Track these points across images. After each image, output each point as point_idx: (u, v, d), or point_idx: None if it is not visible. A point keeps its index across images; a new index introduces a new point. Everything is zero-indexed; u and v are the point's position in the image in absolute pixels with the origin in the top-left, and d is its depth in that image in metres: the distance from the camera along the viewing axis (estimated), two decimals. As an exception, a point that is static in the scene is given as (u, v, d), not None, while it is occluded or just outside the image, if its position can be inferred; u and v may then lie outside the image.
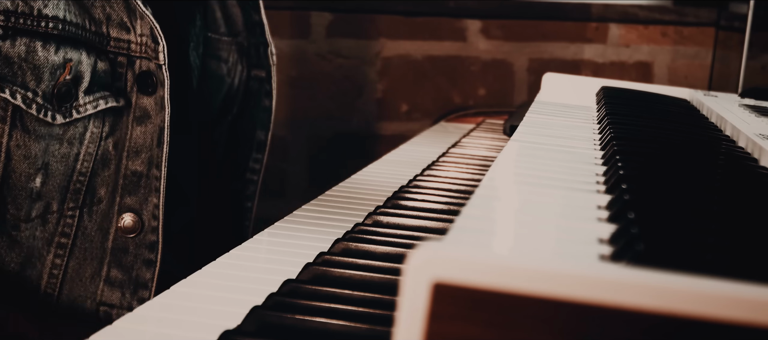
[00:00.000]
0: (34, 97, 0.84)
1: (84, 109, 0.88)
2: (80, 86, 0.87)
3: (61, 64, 0.85)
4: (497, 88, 2.08)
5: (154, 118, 0.92)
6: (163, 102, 0.91)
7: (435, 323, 0.30)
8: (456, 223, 0.43)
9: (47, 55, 0.84)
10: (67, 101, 0.86)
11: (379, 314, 0.54)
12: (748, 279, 0.29)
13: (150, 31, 0.91)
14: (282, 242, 0.76)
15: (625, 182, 0.52)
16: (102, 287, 0.92)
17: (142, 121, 0.92)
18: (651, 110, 1.03)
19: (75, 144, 0.88)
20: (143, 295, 0.93)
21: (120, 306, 0.92)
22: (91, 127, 0.88)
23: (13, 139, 0.85)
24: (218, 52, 1.08)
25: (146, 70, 0.91)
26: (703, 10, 2.03)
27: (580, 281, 0.29)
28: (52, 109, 0.86)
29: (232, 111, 1.17)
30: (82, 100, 0.88)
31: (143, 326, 0.54)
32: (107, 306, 0.92)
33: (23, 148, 0.85)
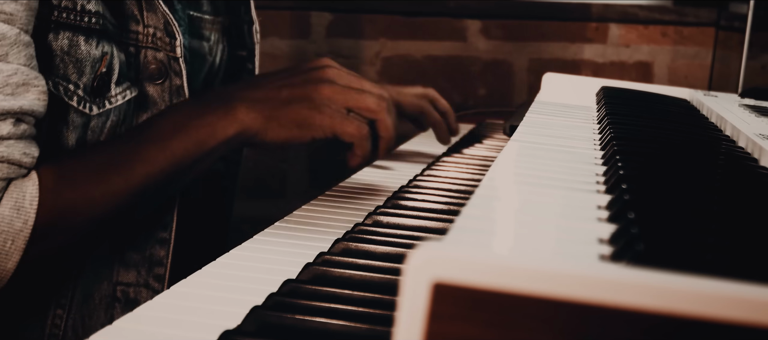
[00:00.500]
0: (76, 90, 0.86)
1: (115, 99, 0.90)
2: (112, 78, 0.89)
3: (99, 58, 0.87)
4: (497, 88, 2.08)
5: (160, 105, 0.94)
6: (179, 90, 0.94)
7: (435, 323, 0.30)
8: (456, 223, 0.43)
9: (89, 49, 0.86)
10: (102, 93, 0.88)
11: (379, 314, 0.54)
12: (748, 279, 0.29)
13: (164, 26, 0.93)
14: (282, 242, 0.76)
15: (625, 182, 0.52)
16: (117, 268, 0.94)
17: (147, 109, 0.94)
18: (651, 110, 1.03)
19: (96, 132, 0.89)
20: (159, 272, 0.95)
21: (136, 284, 0.94)
22: (112, 116, 0.90)
23: (51, 131, 0.86)
24: (200, 30, 1.08)
25: (153, 59, 0.93)
26: (703, 10, 2.03)
27: (580, 281, 0.29)
28: (90, 101, 0.87)
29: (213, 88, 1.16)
30: (114, 91, 0.90)
31: (143, 326, 0.54)
32: (124, 285, 0.94)
33: (61, 138, 0.87)
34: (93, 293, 0.93)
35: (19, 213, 0.77)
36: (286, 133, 0.90)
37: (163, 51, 0.93)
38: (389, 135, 0.94)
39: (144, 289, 0.94)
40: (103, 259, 0.93)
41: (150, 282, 0.95)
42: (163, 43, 0.93)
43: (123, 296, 0.94)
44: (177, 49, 0.93)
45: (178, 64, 0.93)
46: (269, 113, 0.89)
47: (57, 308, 0.90)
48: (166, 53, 0.93)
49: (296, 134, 0.90)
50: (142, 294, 0.94)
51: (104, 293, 0.93)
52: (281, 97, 0.91)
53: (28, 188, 0.78)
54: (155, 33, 0.93)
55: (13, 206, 0.77)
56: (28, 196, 0.78)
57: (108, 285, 0.93)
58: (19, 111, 0.77)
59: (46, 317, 0.90)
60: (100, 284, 0.93)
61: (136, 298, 0.94)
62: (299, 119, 0.89)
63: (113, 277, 0.94)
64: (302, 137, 0.90)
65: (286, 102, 0.90)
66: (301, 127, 0.90)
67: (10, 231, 0.76)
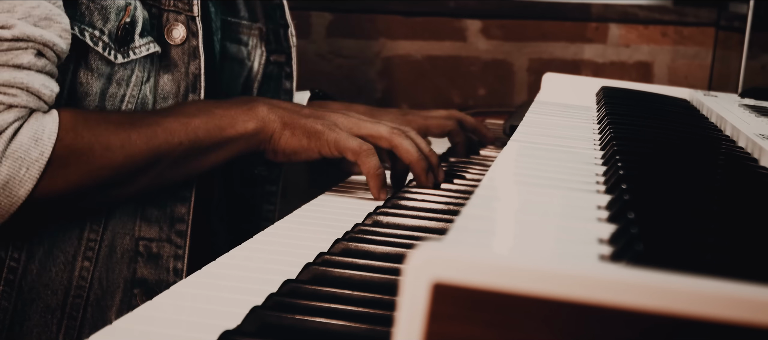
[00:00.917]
0: (101, 36, 0.91)
1: (139, 51, 0.94)
2: (136, 30, 0.94)
3: (123, 7, 0.92)
4: (497, 88, 2.08)
5: (181, 67, 0.98)
6: (195, 51, 0.99)
7: (435, 323, 0.30)
8: (456, 223, 0.43)
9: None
10: (127, 42, 0.93)
11: (379, 314, 0.54)
12: (748, 279, 0.29)
13: None
14: (282, 242, 0.76)
15: (624, 182, 0.52)
16: (139, 223, 0.97)
17: (169, 70, 0.98)
18: (651, 110, 1.03)
19: (123, 85, 0.94)
20: (180, 228, 0.98)
21: (159, 239, 0.98)
22: (136, 71, 0.95)
23: (77, 76, 0.90)
24: (238, 35, 1.11)
25: (174, 21, 0.98)
26: (703, 10, 2.03)
27: (580, 281, 0.29)
28: (114, 49, 0.92)
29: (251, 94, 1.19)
30: (137, 43, 0.94)
31: (143, 325, 0.54)
32: (146, 240, 0.97)
33: (85, 85, 0.91)
34: (117, 247, 0.96)
35: (36, 144, 0.81)
36: (297, 143, 0.94)
37: (183, 13, 0.98)
38: (412, 157, 0.94)
39: (167, 244, 0.98)
40: (125, 214, 0.96)
41: (172, 238, 0.98)
42: (182, 5, 0.98)
43: (145, 250, 0.97)
44: (194, 7, 0.98)
45: (195, 25, 0.98)
46: (287, 120, 0.94)
47: (84, 260, 0.93)
48: (185, 15, 0.98)
49: (305, 145, 0.94)
50: (164, 249, 0.98)
51: (127, 248, 0.96)
52: (301, 112, 0.96)
53: (48, 123, 0.82)
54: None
55: (31, 136, 0.81)
56: (48, 130, 0.82)
57: (130, 240, 0.96)
58: (41, 42, 0.82)
59: (73, 269, 0.93)
60: (123, 239, 0.96)
61: (159, 252, 0.97)
62: (311, 131, 0.93)
63: (135, 232, 0.97)
64: (310, 148, 0.94)
65: (304, 116, 0.95)
66: (310, 138, 0.93)
67: (26, 159, 0.80)
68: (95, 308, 0.94)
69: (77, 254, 0.93)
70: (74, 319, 0.92)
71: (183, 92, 0.99)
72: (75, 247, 0.93)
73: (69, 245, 0.93)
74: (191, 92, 0.99)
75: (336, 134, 0.93)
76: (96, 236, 0.94)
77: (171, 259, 0.98)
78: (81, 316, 0.93)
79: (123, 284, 0.95)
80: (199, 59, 0.98)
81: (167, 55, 0.98)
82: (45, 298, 0.91)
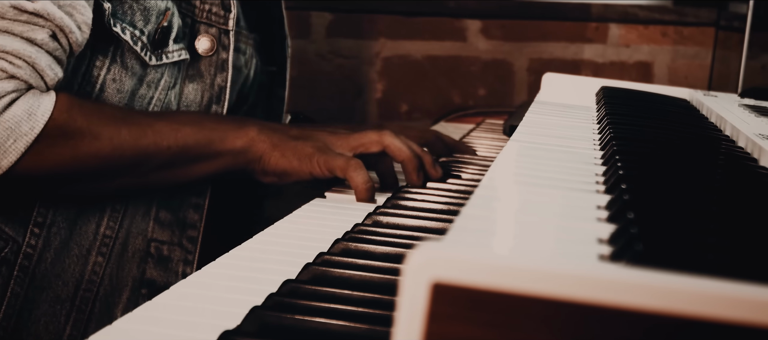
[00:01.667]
0: (141, 36, 0.93)
1: (171, 55, 0.97)
2: (171, 35, 0.96)
3: (163, 11, 0.95)
4: (497, 88, 2.08)
5: (206, 79, 1.01)
6: (224, 64, 1.01)
7: (434, 323, 0.29)
8: (456, 223, 0.43)
9: (156, 1, 0.94)
10: (162, 46, 0.96)
11: (378, 315, 0.54)
12: (748, 279, 0.29)
13: (221, 0, 1.01)
14: (282, 242, 0.76)
15: (624, 182, 0.52)
16: (152, 225, 0.99)
17: (194, 80, 1.00)
18: (651, 110, 1.03)
19: (151, 88, 0.96)
20: (192, 234, 1.00)
21: (170, 242, 0.99)
22: (165, 76, 0.97)
23: (110, 73, 0.92)
24: (238, 43, 1.12)
25: (206, 34, 1.00)
26: (703, 10, 2.03)
27: (580, 281, 0.29)
28: (150, 50, 0.94)
29: (247, 101, 1.22)
30: (171, 48, 0.97)
31: (143, 326, 0.54)
32: (158, 242, 0.99)
33: (118, 82, 0.93)
34: (129, 246, 0.97)
35: (29, 118, 0.82)
36: (287, 164, 0.94)
37: (216, 26, 1.00)
38: (404, 154, 0.95)
39: (178, 248, 0.99)
40: (140, 215, 0.98)
41: (183, 243, 1.00)
42: (216, 18, 1.00)
43: (156, 252, 0.98)
44: (229, 21, 1.01)
45: (228, 38, 1.01)
46: (276, 141, 0.94)
47: (98, 255, 0.95)
48: (218, 28, 1.00)
49: (296, 166, 0.93)
50: (175, 253, 0.99)
51: (138, 247, 0.98)
52: (291, 133, 0.96)
53: (44, 101, 0.83)
54: (211, 9, 1.00)
55: (26, 110, 0.82)
56: (43, 107, 0.83)
57: (142, 241, 0.98)
58: (60, 25, 0.83)
59: (87, 263, 0.94)
60: (136, 239, 0.97)
61: (170, 255, 0.99)
62: (301, 153, 0.93)
63: (148, 233, 0.98)
64: (301, 169, 0.93)
65: (293, 138, 0.95)
66: (301, 160, 0.93)
67: (16, 130, 0.81)
68: (103, 304, 0.95)
69: (92, 248, 0.95)
70: (83, 312, 0.94)
71: (206, 102, 1.01)
72: (90, 241, 0.94)
73: (85, 239, 0.94)
74: (215, 104, 1.01)
75: (325, 155, 0.93)
76: (112, 232, 0.95)
77: (180, 263, 0.99)
78: (89, 309, 0.94)
79: (131, 283, 0.97)
80: (226, 72, 1.00)
81: (194, 65, 1.00)
82: (56, 288, 0.93)
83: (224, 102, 1.01)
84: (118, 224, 0.96)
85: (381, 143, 0.95)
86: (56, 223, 0.92)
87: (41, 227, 0.91)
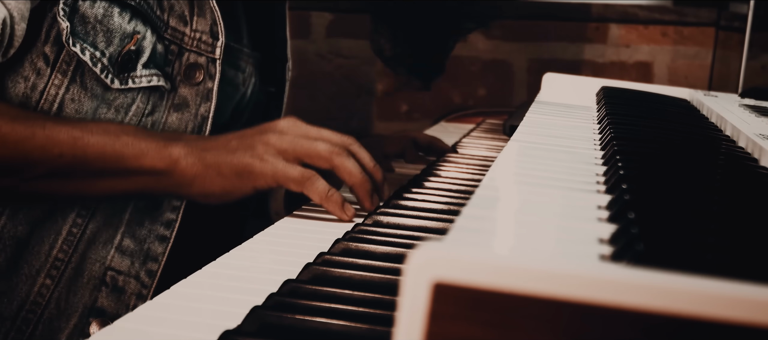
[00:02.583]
0: (101, 58, 0.90)
1: (139, 80, 0.93)
2: (140, 59, 0.93)
3: (130, 34, 0.91)
4: (497, 88, 2.08)
5: (192, 108, 0.97)
6: (209, 94, 0.97)
7: (435, 323, 0.30)
8: (456, 223, 0.43)
9: (121, 23, 0.90)
10: (127, 70, 0.92)
11: (379, 314, 0.54)
12: (748, 279, 0.29)
13: (210, 28, 0.97)
14: (282, 242, 0.76)
15: (625, 182, 0.52)
16: (113, 253, 0.95)
17: (180, 109, 0.97)
18: (651, 110, 1.03)
19: (121, 112, 0.92)
20: (152, 267, 0.96)
21: (127, 274, 0.95)
22: (138, 101, 0.93)
23: (69, 92, 0.89)
24: (237, 61, 1.10)
25: (194, 63, 0.97)
26: (703, 10, 2.03)
27: (581, 281, 0.29)
28: (112, 73, 0.91)
29: (241, 119, 1.18)
30: (139, 72, 0.93)
31: (143, 326, 0.54)
32: (115, 271, 0.95)
33: (77, 102, 0.90)
34: (84, 272, 0.94)
35: None
36: (225, 183, 0.85)
37: (204, 55, 0.97)
38: (354, 180, 0.86)
39: (133, 280, 0.95)
40: (101, 241, 0.94)
41: (141, 275, 0.95)
42: (205, 47, 0.97)
43: (111, 281, 0.94)
44: (217, 50, 0.97)
45: (215, 67, 0.97)
46: (210, 161, 0.85)
47: (47, 277, 0.92)
48: (206, 57, 0.97)
49: (236, 184, 0.85)
50: (130, 285, 0.95)
51: (94, 274, 0.94)
52: (228, 147, 0.87)
53: None
54: (201, 37, 0.97)
55: None
56: None
57: (99, 267, 0.94)
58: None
59: (34, 284, 0.91)
60: (93, 265, 0.94)
61: (124, 287, 0.95)
62: (240, 168, 0.85)
63: (107, 261, 0.94)
64: (243, 187, 0.85)
65: (231, 151, 0.86)
66: (241, 176, 0.85)
67: None
68: (46, 328, 0.92)
69: (42, 269, 0.91)
70: (22, 333, 0.91)
71: (189, 132, 0.96)
72: (41, 262, 0.91)
73: (36, 259, 0.91)
74: (197, 133, 0.95)
75: (271, 166, 0.84)
76: (64, 256, 0.92)
77: (133, 296, 0.95)
78: (30, 331, 0.91)
79: (81, 310, 0.93)
80: (210, 102, 0.97)
81: (180, 94, 0.96)
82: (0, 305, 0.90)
83: (205, 133, 0.96)
84: (72, 248, 0.92)
85: (330, 162, 0.86)
86: (2, 239, 0.90)
87: None
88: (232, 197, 0.87)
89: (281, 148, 0.86)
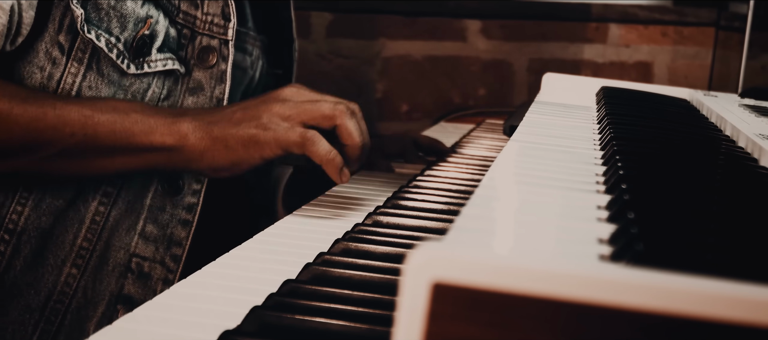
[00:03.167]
0: (116, 43, 0.90)
1: (154, 65, 0.93)
2: (155, 44, 0.93)
3: (144, 19, 0.91)
4: (497, 88, 2.08)
5: (207, 91, 0.97)
6: (223, 76, 0.98)
7: (435, 323, 0.30)
8: (456, 223, 0.43)
9: (134, 7, 0.90)
10: (142, 54, 0.92)
11: (379, 314, 0.54)
12: (748, 279, 0.29)
13: (221, 10, 0.97)
14: (282, 242, 0.76)
15: (624, 182, 0.52)
16: (137, 240, 0.95)
17: (195, 93, 0.97)
18: (651, 110, 1.03)
19: (137, 98, 0.93)
20: (176, 252, 0.97)
21: (152, 259, 0.96)
22: (153, 86, 0.93)
23: (86, 80, 0.89)
24: (244, 45, 1.11)
25: (207, 46, 0.97)
26: (703, 10, 2.03)
27: (580, 281, 0.29)
28: (128, 58, 0.91)
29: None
30: (154, 57, 0.93)
31: (143, 325, 0.54)
32: (140, 258, 0.95)
33: (94, 90, 0.90)
34: (109, 259, 0.94)
35: None
36: (233, 155, 0.87)
37: (217, 37, 0.97)
38: (353, 141, 0.86)
39: (159, 266, 0.96)
40: (125, 228, 0.95)
41: (166, 261, 0.97)
42: (217, 29, 0.97)
43: (137, 268, 0.95)
44: (229, 31, 0.97)
45: (227, 48, 0.97)
46: (217, 134, 0.87)
47: (73, 267, 0.92)
48: (219, 39, 0.97)
49: (243, 156, 0.86)
50: (156, 270, 0.96)
51: (119, 261, 0.95)
52: (233, 119, 0.88)
53: None
54: (213, 19, 0.97)
55: None
56: None
57: (124, 254, 0.95)
58: None
59: (60, 274, 0.92)
60: (117, 252, 0.95)
61: (150, 273, 0.96)
62: (246, 139, 0.86)
63: (131, 247, 0.95)
64: (251, 158, 0.86)
65: (236, 123, 0.87)
66: (247, 147, 0.86)
67: None
68: (75, 317, 0.92)
69: (67, 259, 0.92)
70: (51, 323, 0.91)
71: None
72: (66, 252, 0.92)
73: (61, 249, 0.92)
74: None
75: (273, 133, 0.85)
76: (89, 245, 0.93)
77: (160, 282, 0.96)
78: (59, 321, 0.92)
79: (108, 297, 0.94)
80: (225, 84, 0.97)
81: (195, 78, 0.97)
82: (27, 297, 0.91)
83: None
84: (96, 236, 0.92)
85: (332, 120, 0.86)
86: (27, 231, 0.90)
87: (12, 233, 0.89)
88: (241, 169, 0.88)
89: (285, 115, 0.86)
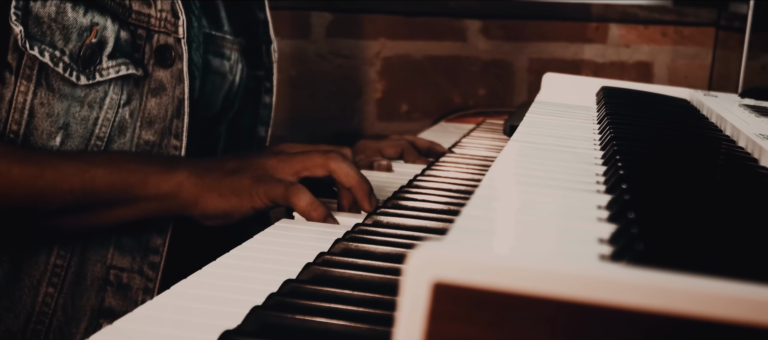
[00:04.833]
0: (62, 56, 0.89)
1: (107, 72, 0.92)
2: (104, 51, 0.92)
3: (88, 27, 0.90)
4: (497, 88, 2.08)
5: (169, 91, 0.96)
6: (180, 75, 0.96)
7: (435, 323, 0.30)
8: (456, 223, 0.43)
9: (76, 17, 0.89)
10: (91, 64, 0.91)
11: (379, 314, 0.54)
12: (748, 279, 0.29)
13: (170, 6, 0.95)
14: (282, 242, 0.76)
15: (625, 182, 0.52)
16: (112, 251, 0.95)
17: (157, 94, 0.96)
18: (651, 110, 1.03)
19: (95, 108, 0.92)
20: (154, 259, 0.96)
21: (130, 269, 0.95)
22: (111, 94, 0.92)
23: (37, 97, 0.88)
24: (221, 49, 1.10)
25: (164, 44, 0.95)
26: (703, 10, 2.03)
27: (581, 281, 0.29)
28: (77, 70, 0.90)
29: (233, 108, 1.18)
30: (105, 64, 0.92)
31: (143, 326, 0.54)
32: (117, 269, 0.95)
33: (46, 106, 0.89)
34: (86, 274, 0.93)
35: None
36: (225, 204, 0.87)
37: (172, 35, 0.95)
38: (352, 181, 0.87)
39: (137, 275, 0.95)
40: (99, 241, 0.94)
41: (144, 269, 0.95)
42: (171, 26, 0.95)
43: (116, 279, 0.94)
44: (179, 29, 0.95)
45: (181, 46, 0.95)
46: (210, 182, 0.87)
47: (49, 286, 0.92)
48: (173, 37, 0.95)
49: (235, 204, 0.87)
50: (135, 281, 0.95)
51: (97, 275, 0.94)
52: (227, 168, 0.89)
53: None
54: (166, 17, 0.95)
55: None
56: None
57: (101, 268, 0.94)
58: None
59: (37, 294, 0.91)
60: (94, 266, 0.94)
61: (129, 284, 0.95)
62: (239, 188, 0.87)
63: (108, 260, 0.94)
64: (242, 206, 0.87)
65: (229, 173, 0.88)
66: (240, 195, 0.87)
67: None
68: (58, 336, 0.92)
69: (43, 279, 0.91)
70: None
71: (170, 117, 0.96)
72: (41, 271, 0.91)
73: (35, 269, 0.91)
74: (176, 118, 0.96)
75: (264, 184, 0.86)
76: (63, 262, 0.92)
77: (140, 292, 0.95)
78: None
79: (89, 313, 0.93)
80: (183, 83, 0.96)
81: (156, 78, 0.95)
82: (7, 321, 0.90)
83: (184, 116, 0.95)
84: (70, 252, 0.92)
85: (326, 167, 0.88)
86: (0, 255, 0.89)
87: None
88: (233, 218, 0.88)
89: (278, 167, 0.89)
